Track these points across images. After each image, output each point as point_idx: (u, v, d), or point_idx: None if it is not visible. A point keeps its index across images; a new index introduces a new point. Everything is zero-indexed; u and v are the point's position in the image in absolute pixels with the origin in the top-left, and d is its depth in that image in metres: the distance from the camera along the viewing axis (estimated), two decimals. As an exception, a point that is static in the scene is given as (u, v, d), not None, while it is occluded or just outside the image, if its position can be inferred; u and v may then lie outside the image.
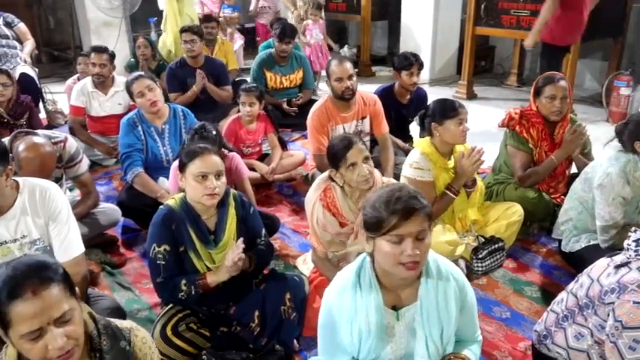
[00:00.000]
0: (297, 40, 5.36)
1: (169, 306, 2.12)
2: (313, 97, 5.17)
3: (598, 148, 3.13)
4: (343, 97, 3.28)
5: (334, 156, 2.27)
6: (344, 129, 3.37)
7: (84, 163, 2.89)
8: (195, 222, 2.08)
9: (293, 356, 2.17)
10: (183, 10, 5.97)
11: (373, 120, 3.46)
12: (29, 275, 1.21)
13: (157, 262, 2.04)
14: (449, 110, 2.62)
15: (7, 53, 4.79)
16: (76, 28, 7.05)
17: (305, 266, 2.72)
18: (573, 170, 3.14)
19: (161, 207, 2.13)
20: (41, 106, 4.98)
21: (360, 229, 2.30)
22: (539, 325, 1.96)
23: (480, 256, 2.65)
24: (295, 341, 2.20)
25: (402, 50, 5.92)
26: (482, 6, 5.55)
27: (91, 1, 6.15)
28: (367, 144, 2.49)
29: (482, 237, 2.73)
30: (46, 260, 1.30)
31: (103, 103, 4.22)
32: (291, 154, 3.94)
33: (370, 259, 1.61)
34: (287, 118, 4.84)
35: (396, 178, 2.87)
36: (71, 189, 3.26)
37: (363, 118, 3.43)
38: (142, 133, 3.20)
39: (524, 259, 2.87)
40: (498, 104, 5.57)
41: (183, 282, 2.03)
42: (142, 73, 3.32)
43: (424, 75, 5.31)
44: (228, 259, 2.02)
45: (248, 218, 2.22)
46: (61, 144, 2.76)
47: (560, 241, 2.77)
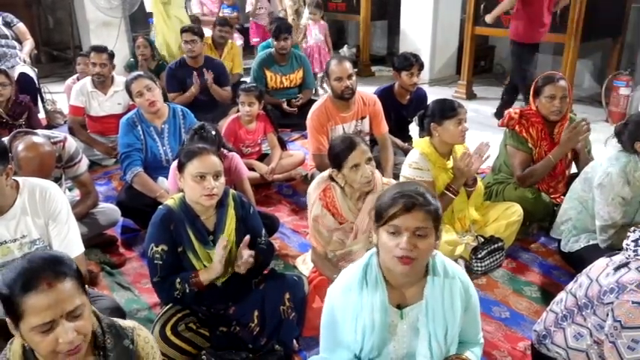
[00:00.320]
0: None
1: (169, 306, 2.12)
2: (313, 98, 5.17)
3: (598, 148, 3.13)
4: (343, 97, 3.28)
5: (336, 157, 2.25)
6: (343, 129, 3.37)
7: (83, 163, 2.89)
8: (194, 222, 2.08)
9: (292, 356, 2.17)
10: (171, 12, 5.91)
11: (373, 120, 3.46)
12: (45, 268, 1.23)
13: (155, 261, 2.04)
14: (448, 110, 2.63)
15: (6, 53, 4.79)
16: (76, 27, 7.05)
17: (304, 266, 2.72)
18: (573, 170, 3.14)
19: (160, 207, 2.13)
20: (40, 106, 4.98)
21: (359, 229, 2.31)
22: (539, 324, 1.96)
23: (480, 255, 2.65)
24: (295, 341, 2.20)
25: (401, 50, 5.93)
26: (482, 6, 5.54)
27: (91, 1, 6.14)
28: (367, 144, 2.50)
29: (482, 237, 2.73)
30: (61, 255, 1.32)
31: (103, 102, 4.22)
32: (291, 154, 3.94)
33: (377, 257, 1.61)
34: (286, 117, 4.84)
35: (396, 178, 2.87)
36: (70, 189, 3.26)
37: (363, 118, 3.43)
38: (141, 132, 3.20)
39: (523, 259, 2.88)
40: (498, 104, 5.56)
41: (178, 280, 2.04)
42: (141, 72, 3.32)
43: (423, 75, 5.30)
44: (217, 255, 2.02)
45: (248, 218, 2.22)
46: (61, 144, 2.77)
47: (559, 240, 2.77)
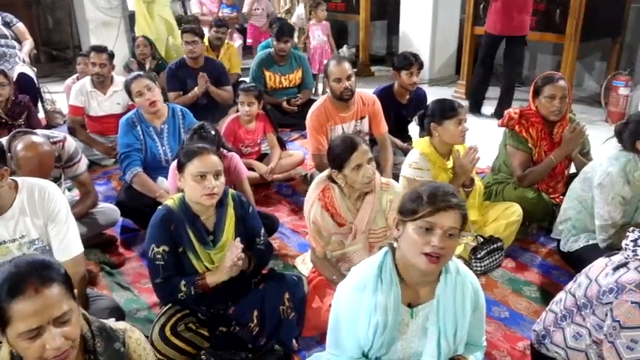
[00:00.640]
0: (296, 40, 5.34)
1: (168, 306, 2.12)
2: (313, 98, 5.17)
3: (597, 148, 3.14)
4: (342, 98, 3.28)
5: (337, 157, 2.24)
6: (343, 129, 3.37)
7: (83, 163, 2.89)
8: (194, 222, 2.08)
9: (292, 356, 2.17)
10: (154, 12, 5.80)
11: (372, 120, 3.45)
12: (32, 273, 1.20)
13: (156, 262, 2.03)
14: (448, 110, 2.62)
15: (5, 53, 4.78)
16: (75, 27, 7.05)
17: (304, 266, 2.72)
18: (572, 170, 3.14)
19: (160, 207, 2.12)
20: (40, 105, 4.97)
21: (358, 229, 2.31)
22: (538, 324, 1.96)
23: (479, 255, 2.65)
24: (294, 341, 2.20)
25: (400, 50, 5.92)
26: (481, 6, 5.55)
27: (90, 1, 6.14)
28: (368, 144, 2.49)
29: (481, 237, 2.73)
30: (48, 259, 1.29)
31: (102, 102, 4.22)
32: (290, 154, 3.93)
33: (391, 255, 1.61)
34: (286, 117, 4.84)
35: (395, 178, 2.87)
36: (70, 189, 3.26)
37: (362, 118, 3.43)
38: (140, 132, 3.20)
39: (523, 259, 2.88)
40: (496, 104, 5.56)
41: (183, 283, 2.03)
42: (140, 72, 3.32)
43: (423, 75, 5.30)
44: (228, 259, 2.01)
45: (247, 218, 2.22)
46: (60, 143, 2.76)
47: (558, 240, 2.77)
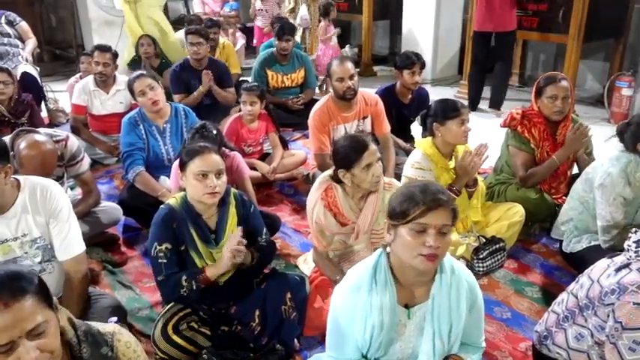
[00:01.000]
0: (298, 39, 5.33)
1: (170, 304, 2.12)
2: (315, 97, 5.16)
3: (599, 149, 3.13)
4: (345, 97, 3.28)
5: (346, 157, 2.21)
6: (345, 129, 3.37)
7: (85, 162, 2.89)
8: (196, 221, 2.08)
9: (294, 356, 2.17)
10: (140, 12, 5.69)
11: (374, 120, 3.45)
12: (1, 287, 1.13)
13: (159, 260, 2.04)
14: (450, 110, 2.62)
15: (8, 52, 4.79)
16: (78, 26, 7.07)
17: (306, 266, 2.72)
18: (575, 171, 3.13)
19: (162, 206, 2.13)
20: (43, 104, 4.98)
21: (361, 229, 2.31)
22: (540, 325, 1.96)
23: (481, 256, 2.65)
24: (296, 341, 2.20)
25: (403, 50, 5.92)
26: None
27: (93, 0, 6.16)
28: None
29: (483, 237, 2.73)
30: (20, 270, 1.22)
31: (105, 101, 4.23)
32: (293, 154, 3.93)
33: (386, 256, 1.61)
34: (289, 117, 4.83)
35: (397, 177, 2.86)
36: (72, 187, 3.27)
37: (365, 117, 3.43)
38: (143, 132, 3.20)
39: (525, 260, 2.87)
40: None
41: (184, 278, 2.03)
42: (143, 72, 3.32)
43: (425, 75, 5.30)
44: (226, 250, 2.02)
45: (249, 217, 2.22)
46: (63, 142, 2.77)
47: (561, 241, 2.77)
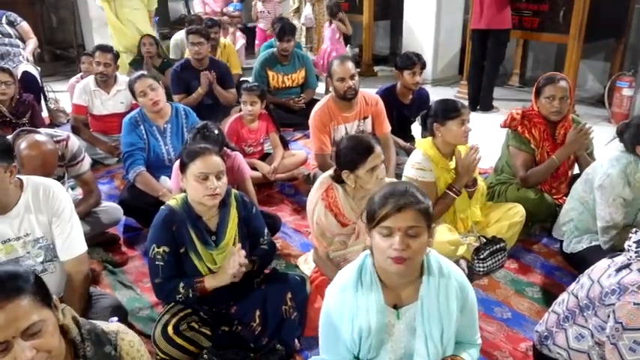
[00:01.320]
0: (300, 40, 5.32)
1: (171, 305, 2.12)
2: (316, 98, 5.17)
3: (600, 149, 3.13)
4: (345, 97, 3.28)
5: (351, 159, 2.20)
6: (346, 129, 3.37)
7: (86, 162, 2.90)
8: (196, 223, 2.08)
9: (294, 356, 2.17)
10: (123, 14, 5.58)
11: (375, 120, 3.45)
12: None
13: (156, 262, 2.04)
14: (451, 111, 2.62)
15: (9, 52, 4.79)
16: (79, 26, 7.08)
17: (306, 266, 2.72)
18: (576, 171, 3.13)
19: (162, 207, 2.13)
20: (43, 104, 4.99)
21: (361, 229, 2.31)
22: (541, 325, 1.96)
23: (482, 256, 2.65)
24: (296, 341, 2.20)
25: (404, 50, 5.93)
26: (485, 6, 5.54)
27: (93, 0, 6.15)
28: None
29: (484, 237, 2.73)
30: (16, 270, 1.22)
31: (106, 101, 4.24)
32: (293, 154, 3.94)
33: (371, 257, 1.61)
34: (289, 117, 4.83)
35: (398, 177, 2.87)
36: (73, 187, 3.27)
37: (365, 118, 3.43)
38: (144, 132, 3.21)
39: (525, 260, 2.87)
40: (500, 104, 5.57)
41: (182, 285, 2.03)
42: (144, 72, 3.32)
43: (426, 75, 5.30)
44: (229, 266, 2.01)
45: (250, 218, 2.22)
46: (64, 142, 2.77)
47: (561, 241, 2.77)
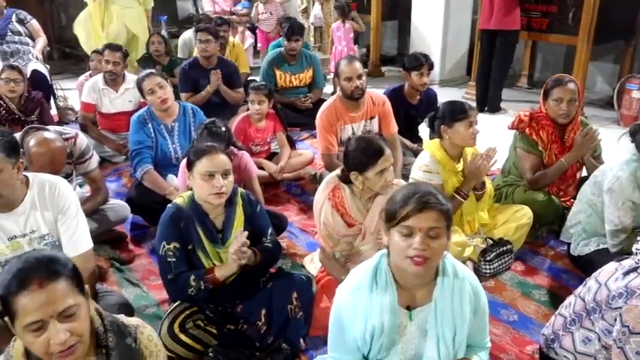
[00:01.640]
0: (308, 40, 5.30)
1: (177, 303, 2.13)
2: (323, 98, 5.16)
3: (608, 152, 3.11)
4: (352, 97, 3.27)
5: (361, 160, 2.18)
6: (352, 129, 3.37)
7: (94, 160, 2.91)
8: (203, 220, 2.09)
9: (299, 355, 2.17)
10: (112, 12, 5.48)
11: (382, 120, 3.45)
12: (38, 268, 1.23)
13: (168, 259, 2.04)
14: (458, 112, 2.60)
15: (19, 50, 4.83)
16: (88, 25, 7.09)
17: (312, 265, 2.72)
18: (584, 173, 3.11)
19: (169, 205, 2.13)
20: (52, 102, 5.02)
21: (368, 230, 2.31)
22: (547, 328, 1.95)
23: (488, 258, 2.64)
24: (302, 340, 2.20)
25: (411, 50, 5.91)
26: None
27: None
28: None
29: (491, 239, 2.72)
30: (56, 255, 1.31)
31: (114, 100, 4.26)
32: (300, 153, 3.94)
33: (387, 257, 1.61)
34: (296, 116, 4.83)
35: (404, 178, 2.86)
36: (81, 185, 3.29)
37: (372, 118, 3.42)
38: (151, 130, 3.22)
39: (532, 262, 2.86)
40: (508, 106, 5.54)
41: (192, 277, 2.04)
42: (153, 70, 3.33)
43: (433, 76, 5.28)
44: (232, 247, 2.02)
45: (255, 217, 2.22)
46: (72, 140, 2.79)
47: (569, 244, 2.75)
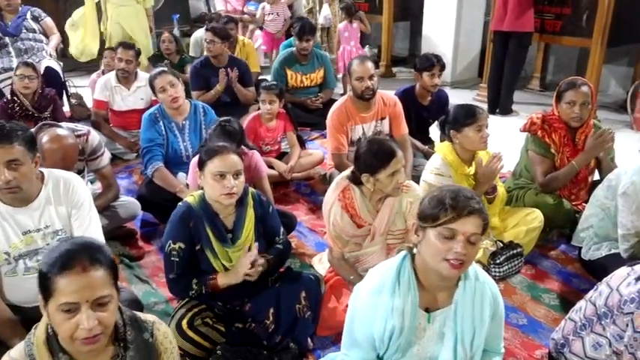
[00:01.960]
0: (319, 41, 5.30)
1: (186, 300, 2.14)
2: (334, 98, 5.16)
3: (622, 156, 3.08)
4: (363, 97, 3.27)
5: (372, 162, 2.18)
6: (363, 129, 3.36)
7: (105, 157, 2.93)
8: (213, 220, 2.09)
9: (307, 355, 2.17)
10: (108, 11, 5.48)
11: (392, 121, 3.44)
12: (84, 252, 1.29)
13: (171, 258, 2.06)
14: (466, 117, 2.58)
15: (33, 47, 4.87)
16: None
17: (321, 265, 2.72)
18: (596, 177, 3.09)
19: (180, 204, 2.14)
20: (65, 99, 5.06)
21: (377, 231, 2.31)
22: (557, 333, 1.94)
23: (498, 261, 2.62)
24: (309, 340, 2.20)
25: (423, 51, 5.89)
26: (507, 8, 5.48)
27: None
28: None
29: (501, 242, 2.70)
30: (102, 244, 1.40)
31: (126, 97, 4.29)
32: (310, 153, 3.94)
33: (410, 258, 1.60)
34: (307, 116, 4.83)
35: (414, 179, 2.85)
36: (92, 181, 3.31)
37: (383, 118, 3.42)
38: (163, 128, 3.24)
39: (542, 266, 2.84)
40: (520, 108, 5.52)
41: (195, 281, 2.05)
42: (165, 68, 3.35)
43: (445, 77, 5.26)
44: (242, 264, 2.03)
45: (267, 217, 2.23)
46: (84, 137, 2.81)
47: (580, 248, 2.73)
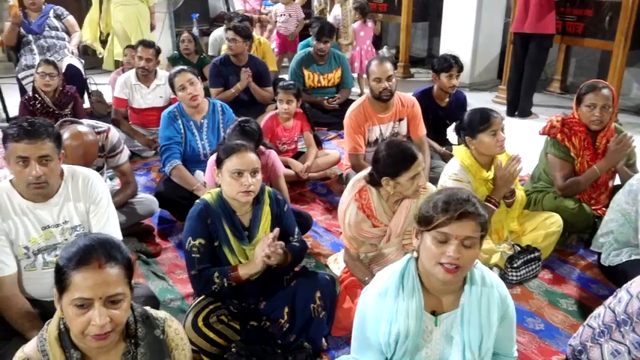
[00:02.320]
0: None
1: (201, 297, 2.16)
2: (351, 98, 5.16)
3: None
4: (380, 98, 3.26)
5: (394, 166, 2.16)
6: (380, 130, 3.36)
7: (125, 154, 2.97)
8: (231, 218, 2.11)
9: (321, 355, 2.18)
10: (110, 10, 5.52)
11: (410, 122, 3.43)
12: (102, 249, 1.31)
13: (192, 255, 2.07)
14: (480, 123, 2.54)
15: (55, 44, 4.95)
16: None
17: (336, 265, 2.72)
18: (616, 182, 3.04)
19: (197, 201, 2.16)
20: (86, 96, 5.13)
21: (393, 232, 2.30)
22: (575, 339, 1.92)
23: (515, 265, 2.60)
24: (324, 340, 2.21)
25: (441, 53, 5.86)
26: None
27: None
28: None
29: (518, 246, 2.67)
30: (120, 242, 1.40)
31: (145, 95, 4.34)
32: (327, 153, 3.95)
33: (414, 261, 1.60)
34: (324, 116, 4.85)
35: (432, 181, 2.83)
36: (111, 178, 3.35)
37: (401, 119, 3.41)
38: (181, 126, 3.27)
39: (560, 271, 2.80)
40: (539, 111, 5.46)
41: (216, 275, 2.06)
42: (184, 67, 3.38)
43: (464, 79, 5.23)
44: (259, 250, 2.04)
45: (282, 216, 2.24)
46: (104, 134, 2.85)
47: (599, 254, 2.69)
